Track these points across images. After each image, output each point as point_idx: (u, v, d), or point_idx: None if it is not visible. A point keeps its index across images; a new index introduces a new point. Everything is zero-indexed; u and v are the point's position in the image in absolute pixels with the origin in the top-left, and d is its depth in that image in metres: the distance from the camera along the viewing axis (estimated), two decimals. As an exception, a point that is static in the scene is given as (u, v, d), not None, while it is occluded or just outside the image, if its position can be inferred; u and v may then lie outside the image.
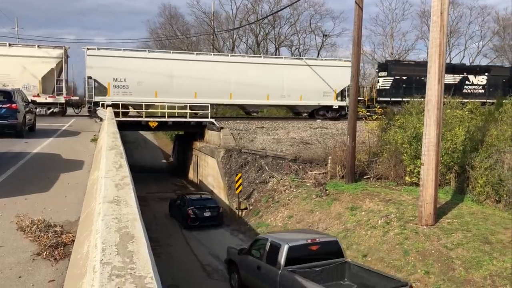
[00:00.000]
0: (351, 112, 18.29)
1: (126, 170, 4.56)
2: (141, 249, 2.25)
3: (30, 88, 26.46)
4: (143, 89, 27.71)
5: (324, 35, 56.61)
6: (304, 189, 18.58)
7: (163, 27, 59.70)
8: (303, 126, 27.96)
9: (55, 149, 13.12)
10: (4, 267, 4.45)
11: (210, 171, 26.06)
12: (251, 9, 55.89)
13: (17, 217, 6.01)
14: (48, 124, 20.98)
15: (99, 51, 27.99)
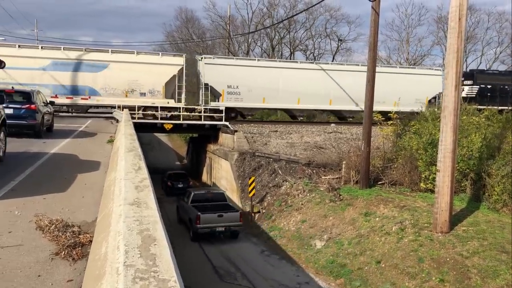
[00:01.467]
0: (365, 117, 18.20)
1: (145, 172, 4.61)
2: (163, 252, 2.28)
3: (154, 93, 28.11)
4: (253, 95, 29.48)
5: (340, 40, 56.53)
6: (317, 194, 18.53)
7: (179, 30, 60.17)
8: (317, 130, 27.90)
9: (72, 150, 13.26)
10: (24, 265, 4.51)
11: (224, 173, 26.13)
12: (267, 14, 56.07)
13: (36, 217, 6.08)
14: (65, 125, 21.23)
15: (214, 60, 30.35)
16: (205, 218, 17.58)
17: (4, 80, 25.44)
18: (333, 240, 15.51)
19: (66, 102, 27.41)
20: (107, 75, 27.64)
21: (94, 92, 27.62)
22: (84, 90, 27.38)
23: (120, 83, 27.77)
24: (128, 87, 27.83)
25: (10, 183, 8.21)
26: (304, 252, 15.65)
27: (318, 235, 16.18)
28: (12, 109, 14.48)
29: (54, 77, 26.77)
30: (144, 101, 28.29)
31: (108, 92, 27.79)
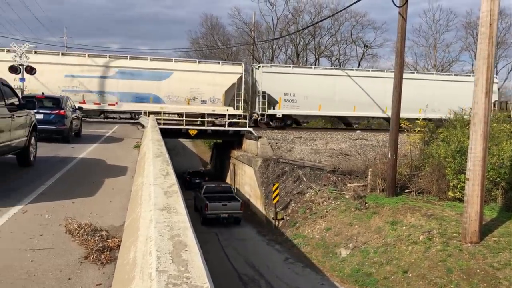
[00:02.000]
0: (392, 124, 17.96)
1: (173, 178, 4.63)
2: (195, 258, 2.26)
3: (215, 100, 29.12)
4: (309, 102, 30.03)
5: (365, 46, 56.07)
6: (342, 201, 18.33)
7: (205, 37, 60.70)
8: (343, 137, 27.67)
9: (100, 155, 13.47)
10: (55, 268, 4.57)
11: (247, 179, 26.15)
12: (292, 20, 56.09)
13: (66, 220, 6.17)
14: (92, 130, 21.61)
15: (271, 68, 31.35)
16: (212, 206, 21.22)
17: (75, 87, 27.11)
18: (359, 248, 15.29)
19: (94, 107, 27.99)
20: (170, 83, 28.66)
21: (158, 100, 28.69)
22: (149, 98, 28.45)
23: (182, 91, 28.77)
24: (190, 95, 28.81)
25: (40, 187, 8.38)
26: (328, 260, 15.48)
27: (343, 243, 15.98)
28: (42, 115, 14.82)
29: (120, 85, 27.88)
30: (205, 108, 29.16)
31: (172, 100, 28.82)
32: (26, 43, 23.03)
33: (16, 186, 8.35)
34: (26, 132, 10.05)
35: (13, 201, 7.13)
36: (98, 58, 28.95)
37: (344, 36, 56.85)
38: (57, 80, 27.02)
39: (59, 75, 27.11)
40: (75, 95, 26.97)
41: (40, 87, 26.03)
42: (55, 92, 26.22)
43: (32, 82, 26.28)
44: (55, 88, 26.73)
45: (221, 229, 20.87)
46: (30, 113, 10.52)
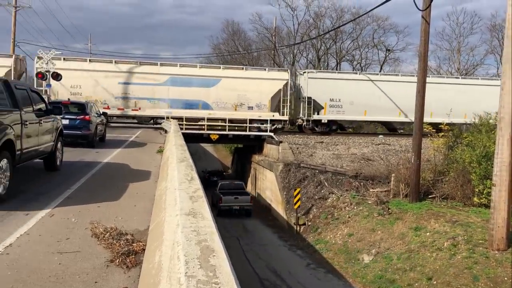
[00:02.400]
0: (416, 129, 17.72)
1: (198, 183, 4.66)
2: (222, 264, 2.28)
3: (261, 106, 29.76)
4: (355, 108, 30.23)
5: (388, 50, 55.56)
6: (365, 207, 18.14)
7: (226, 42, 61.08)
8: (365, 142, 27.44)
9: (123, 159, 13.67)
10: (81, 271, 4.65)
11: (268, 184, 26.13)
12: (313, 24, 56.00)
13: (91, 224, 6.28)
14: (116, 135, 21.94)
15: (317, 74, 31.88)
16: (225, 199, 24.33)
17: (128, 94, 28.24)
18: (382, 254, 15.10)
19: (117, 113, 28.44)
20: (219, 90, 29.32)
21: (207, 106, 29.38)
22: (198, 104, 29.20)
23: (230, 98, 29.39)
24: (238, 101, 29.40)
25: (67, 191, 8.54)
26: (351, 266, 15.32)
27: (366, 249, 15.81)
28: (68, 120, 15.12)
29: (171, 92, 28.69)
30: (251, 114, 29.69)
31: (219, 106, 29.46)
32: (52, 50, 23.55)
33: (44, 190, 8.53)
34: (52, 137, 10.26)
35: (41, 205, 7.29)
36: (149, 66, 29.96)
37: (365, 40, 56.53)
38: (111, 88, 28.04)
39: (113, 82, 28.08)
40: (127, 102, 28.24)
41: (95, 94, 27.52)
42: (109, 99, 27.63)
43: (87, 89, 27.66)
44: (109, 95, 27.93)
45: (242, 234, 20.90)
46: (56, 119, 10.74)
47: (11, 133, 7.53)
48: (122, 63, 29.80)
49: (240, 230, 21.69)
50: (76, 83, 27.74)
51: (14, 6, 32.76)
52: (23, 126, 8.19)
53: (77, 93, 27.62)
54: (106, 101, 28.15)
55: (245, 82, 29.51)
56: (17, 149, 7.89)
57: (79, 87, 27.75)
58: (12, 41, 32.66)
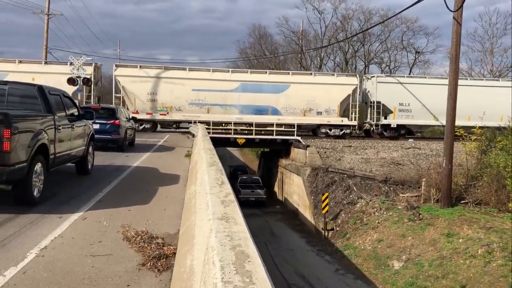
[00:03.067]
0: (447, 132, 17.32)
1: (228, 187, 4.64)
2: (258, 269, 2.24)
3: (330, 111, 29.98)
4: (424, 112, 29.81)
5: (417, 52, 54.63)
6: (395, 212, 17.81)
7: (252, 46, 61.23)
8: (394, 145, 27.00)
9: (153, 163, 13.83)
10: (114, 274, 4.69)
11: (296, 189, 25.99)
12: (340, 27, 55.61)
13: (123, 228, 6.34)
14: (145, 139, 22.25)
15: (386, 78, 31.75)
16: (243, 192, 28.43)
17: (201, 101, 29.21)
18: (412, 261, 14.78)
19: (146, 117, 28.86)
20: (288, 96, 29.63)
21: (276, 112, 29.74)
22: (268, 110, 29.63)
23: (299, 103, 29.59)
24: (306, 107, 29.56)
25: (98, 195, 8.68)
26: (381, 272, 15.05)
27: (396, 255, 15.50)
28: (98, 125, 15.39)
29: (242, 98, 29.28)
30: (320, 119, 29.93)
31: (288, 112, 29.72)
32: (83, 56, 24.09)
33: (76, 193, 8.69)
34: (84, 141, 10.45)
35: (73, 208, 7.42)
36: (220, 72, 30.81)
37: (394, 43, 55.70)
38: (185, 94, 28.82)
39: (187, 89, 28.84)
40: (200, 108, 28.97)
41: (170, 101, 28.67)
42: (183, 105, 28.55)
43: (163, 96, 28.64)
44: (183, 102, 28.78)
45: (269, 238, 20.83)
46: (88, 123, 10.95)
47: (45, 137, 7.70)
48: (195, 71, 30.69)
49: (268, 234, 21.62)
50: (153, 90, 28.74)
51: (46, 13, 33.69)
52: (56, 131, 8.37)
53: (153, 99, 28.72)
54: (181, 108, 28.97)
55: (314, 88, 29.65)
56: (51, 153, 8.06)
57: (155, 94, 28.73)
58: (45, 47, 33.56)
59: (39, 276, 4.52)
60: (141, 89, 28.50)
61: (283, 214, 26.74)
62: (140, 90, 28.53)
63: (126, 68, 29.68)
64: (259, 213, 26.76)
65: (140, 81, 28.57)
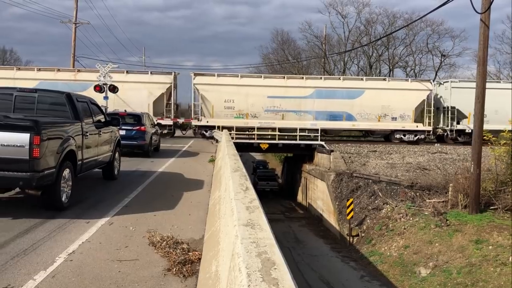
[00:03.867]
0: (475, 137, 16.96)
1: (253, 193, 4.64)
2: (285, 277, 2.22)
3: (404, 117, 30.18)
4: (499, 117, 29.28)
5: (443, 55, 53.73)
6: (421, 218, 17.49)
7: (275, 52, 61.35)
8: (420, 150, 26.57)
9: (177, 169, 13.95)
10: (140, 279, 4.74)
11: (320, 194, 25.79)
12: (364, 31, 55.20)
13: (148, 233, 6.41)
14: (170, 145, 22.49)
15: (460, 83, 31.31)
16: (260, 184, 34.44)
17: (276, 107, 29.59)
18: (440, 268, 14.47)
19: (170, 123, 29.27)
20: (362, 101, 29.79)
21: (351, 118, 29.95)
22: (342, 116, 29.85)
23: (374, 109, 29.75)
24: (381, 112, 29.69)
25: (124, 200, 8.80)
26: (407, 279, 14.78)
27: (423, 262, 15.20)
28: (124, 131, 15.64)
29: (316, 104, 29.65)
30: (395, 125, 29.97)
31: (363, 117, 29.93)
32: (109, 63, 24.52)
33: (102, 198, 8.84)
34: (111, 147, 10.63)
35: (100, 213, 7.54)
36: (294, 79, 31.56)
37: (419, 46, 54.95)
38: (261, 101, 29.37)
39: (262, 96, 29.37)
40: (276, 115, 29.40)
41: (246, 108, 29.25)
42: (259, 112, 29.15)
43: (240, 104, 29.32)
44: (259, 108, 29.32)
45: (293, 244, 20.71)
46: (114, 130, 11.12)
47: (73, 144, 7.86)
48: (270, 78, 31.39)
49: (292, 240, 21.51)
50: (230, 98, 29.32)
51: (74, 22, 34.52)
52: (84, 137, 8.53)
53: (230, 107, 29.33)
54: (256, 114, 29.45)
55: (388, 93, 29.68)
56: (79, 159, 8.23)
57: (232, 101, 29.33)
58: (72, 55, 34.36)
59: (68, 281, 4.60)
60: (218, 97, 29.15)
61: (307, 220, 26.56)
62: (217, 98, 29.19)
63: (204, 77, 30.36)
64: (283, 219, 26.67)
65: (217, 89, 29.23)
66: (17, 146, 6.60)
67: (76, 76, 29.23)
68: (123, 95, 28.40)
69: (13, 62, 64.65)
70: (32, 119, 6.97)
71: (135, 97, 28.99)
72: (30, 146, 6.60)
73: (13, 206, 7.99)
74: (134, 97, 28.91)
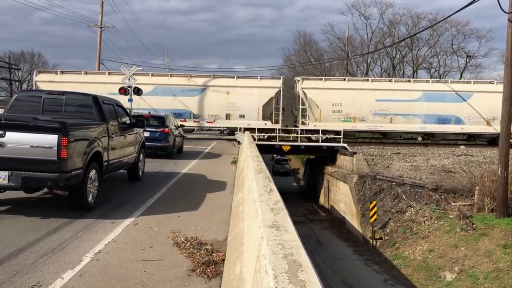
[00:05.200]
0: (502, 139, 16.60)
1: (277, 195, 4.64)
2: (312, 279, 2.22)
3: None
4: None
5: (468, 56, 52.74)
6: (446, 222, 17.19)
7: (297, 53, 61.20)
8: (445, 152, 26.13)
9: (200, 170, 14.05)
10: (165, 279, 4.79)
11: (342, 197, 25.60)
12: (387, 32, 54.63)
13: (173, 233, 6.48)
14: (192, 147, 22.65)
15: None
16: (276, 167, 49.17)
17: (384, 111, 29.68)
18: (466, 272, 14.19)
19: (194, 125, 29.51)
20: (471, 104, 29.64)
21: (459, 121, 29.93)
22: (450, 119, 29.82)
23: (482, 112, 29.53)
24: (491, 115, 29.34)
25: (148, 201, 8.91)
26: (432, 284, 14.54)
27: (448, 266, 14.94)
28: (148, 133, 15.83)
29: (425, 107, 29.75)
30: None
31: (472, 121, 29.84)
32: (134, 66, 24.85)
33: (128, 199, 8.96)
34: (135, 149, 10.77)
35: (126, 214, 7.65)
36: (402, 82, 31.61)
37: (444, 47, 54.11)
38: (368, 105, 29.60)
39: (370, 99, 29.59)
40: (384, 118, 29.55)
41: (354, 111, 29.40)
42: (367, 115, 29.48)
43: (347, 107, 29.46)
44: (367, 112, 29.56)
45: (316, 247, 20.60)
46: (139, 131, 11.27)
47: (99, 145, 8.00)
48: (376, 81, 31.60)
49: (314, 242, 21.40)
50: (337, 101, 29.54)
51: (99, 26, 35.12)
52: (110, 139, 8.68)
53: (337, 110, 29.57)
54: (364, 118, 29.61)
55: (497, 96, 29.28)
56: (104, 160, 8.37)
57: (339, 105, 29.56)
58: (98, 58, 34.96)
59: (94, 280, 4.68)
60: (326, 101, 29.36)
61: (329, 222, 26.38)
62: (325, 101, 29.39)
63: (311, 81, 30.84)
64: (305, 221, 26.55)
65: (324, 93, 29.46)
66: (46, 148, 6.75)
67: (189, 81, 30.03)
68: (233, 99, 29.45)
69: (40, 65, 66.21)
70: (60, 121, 7.12)
71: (245, 101, 29.58)
72: (58, 147, 6.75)
73: (42, 206, 8.17)
74: (244, 101, 29.50)
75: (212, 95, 29.52)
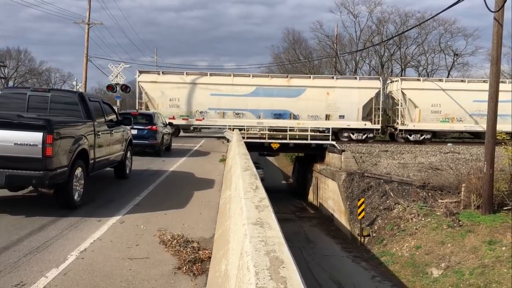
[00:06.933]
0: (488, 137, 16.78)
1: (263, 192, 4.65)
2: (293, 276, 2.23)
3: None
4: None
5: (455, 54, 53.22)
6: (433, 219, 17.36)
7: (287, 51, 61.21)
8: (432, 150, 26.36)
9: (188, 168, 14.00)
10: (150, 277, 4.77)
11: (331, 194, 25.72)
12: (376, 31, 54.89)
13: (159, 231, 6.45)
14: (181, 144, 22.56)
15: None
16: None
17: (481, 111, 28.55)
18: (452, 269, 14.35)
19: (182, 123, 29.43)
20: None
21: None
22: None
23: None
24: None
25: (135, 199, 8.86)
26: (419, 280, 14.68)
27: (435, 262, 15.09)
28: (136, 130, 15.72)
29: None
30: None
31: None
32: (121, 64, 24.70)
33: (114, 197, 8.90)
34: (122, 146, 10.70)
35: (112, 212, 7.60)
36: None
37: (432, 45, 54.53)
38: (466, 105, 29.54)
39: (468, 100, 29.41)
40: (481, 118, 28.77)
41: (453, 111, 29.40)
42: (463, 116, 29.50)
43: (448, 108, 29.40)
44: (464, 112, 29.54)
45: (304, 244, 20.67)
46: (126, 129, 11.20)
47: (85, 143, 7.93)
48: (473, 82, 31.46)
49: (302, 240, 21.48)
50: (436, 102, 29.66)
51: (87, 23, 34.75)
52: (96, 137, 8.61)
53: (436, 111, 29.60)
54: (461, 118, 29.71)
55: None
56: (91, 158, 8.30)
57: (438, 105, 29.64)
58: (85, 56, 34.61)
59: (79, 278, 4.65)
60: (426, 101, 29.58)
61: (317, 220, 26.50)
62: (424, 102, 29.60)
63: (409, 81, 30.96)
64: (294, 218, 26.64)
65: (422, 94, 29.63)
66: (30, 145, 6.68)
67: (289, 82, 30.06)
68: (333, 99, 29.49)
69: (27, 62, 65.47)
70: (45, 118, 7.04)
71: (344, 102, 29.63)
72: (43, 145, 6.67)
73: (27, 204, 8.09)
74: (343, 101, 29.53)
75: (311, 96, 29.64)
